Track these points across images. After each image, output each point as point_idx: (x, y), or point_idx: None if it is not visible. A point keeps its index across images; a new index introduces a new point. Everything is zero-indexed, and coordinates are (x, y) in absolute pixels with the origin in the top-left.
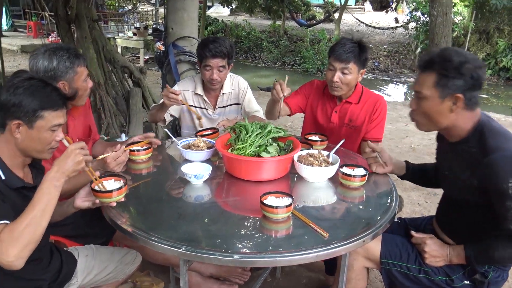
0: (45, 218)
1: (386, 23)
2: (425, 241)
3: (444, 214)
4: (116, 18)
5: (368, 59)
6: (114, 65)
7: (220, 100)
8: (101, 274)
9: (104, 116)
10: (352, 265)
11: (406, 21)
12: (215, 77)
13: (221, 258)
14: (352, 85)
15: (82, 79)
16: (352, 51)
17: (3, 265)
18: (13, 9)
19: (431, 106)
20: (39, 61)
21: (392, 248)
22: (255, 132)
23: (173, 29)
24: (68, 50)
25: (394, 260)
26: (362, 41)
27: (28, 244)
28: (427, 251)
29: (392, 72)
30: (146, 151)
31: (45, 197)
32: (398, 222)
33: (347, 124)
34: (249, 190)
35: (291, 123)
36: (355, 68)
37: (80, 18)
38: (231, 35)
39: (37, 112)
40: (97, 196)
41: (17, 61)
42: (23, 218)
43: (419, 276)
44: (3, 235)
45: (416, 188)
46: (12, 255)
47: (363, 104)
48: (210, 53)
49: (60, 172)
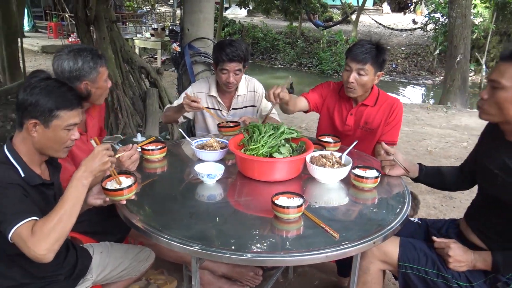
0: (74, 214)
1: (404, 24)
2: (450, 245)
3: (478, 213)
4: (135, 20)
5: (385, 61)
6: (132, 66)
7: (235, 102)
8: (115, 270)
9: (121, 116)
10: (368, 268)
11: (424, 23)
12: (231, 80)
13: (232, 257)
14: (368, 87)
15: (103, 79)
16: (369, 52)
17: (35, 258)
18: (34, 10)
19: (507, 97)
20: (64, 62)
21: (410, 252)
22: (268, 133)
23: (189, 30)
24: (91, 51)
25: (412, 263)
26: (380, 43)
27: (58, 238)
28: (452, 256)
29: (410, 74)
30: (160, 151)
31: (74, 194)
32: (418, 223)
33: (363, 127)
34: (261, 190)
35: (306, 125)
36: (372, 69)
37: (99, 19)
38: (247, 36)
39: (53, 112)
40: (107, 194)
41: (37, 61)
42: (54, 214)
43: (436, 281)
44: (35, 229)
45: (431, 191)
46: (43, 249)
47: (379, 107)
48: (227, 57)
49: (88, 172)
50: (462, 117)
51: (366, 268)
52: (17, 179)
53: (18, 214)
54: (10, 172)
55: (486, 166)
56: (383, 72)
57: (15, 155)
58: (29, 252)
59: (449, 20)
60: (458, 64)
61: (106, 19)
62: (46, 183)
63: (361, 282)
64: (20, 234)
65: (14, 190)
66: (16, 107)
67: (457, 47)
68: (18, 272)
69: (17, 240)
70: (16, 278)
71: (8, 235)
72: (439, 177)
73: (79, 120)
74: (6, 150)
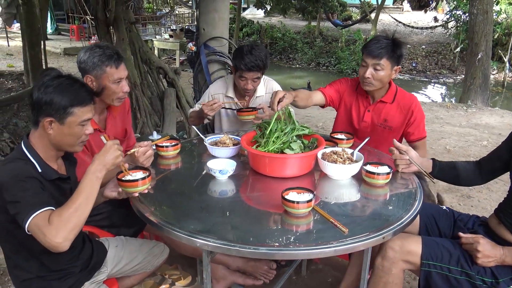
0: (89, 205)
1: (425, 22)
2: (479, 240)
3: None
4: (154, 21)
5: (402, 56)
6: (150, 66)
7: (253, 102)
8: (129, 264)
9: (140, 116)
10: (391, 269)
11: (445, 20)
12: (249, 87)
13: (241, 250)
14: (385, 82)
15: (111, 80)
16: (385, 47)
17: (51, 247)
18: (57, 13)
19: None
20: (81, 53)
21: (433, 249)
22: (280, 130)
23: (205, 29)
24: (105, 50)
25: (435, 261)
26: (396, 38)
27: (74, 227)
28: (481, 251)
29: (430, 72)
30: (174, 147)
31: (88, 187)
32: (446, 211)
33: (382, 124)
34: (272, 186)
35: (322, 124)
36: (388, 64)
37: (118, 21)
38: (266, 36)
39: (68, 109)
40: (122, 185)
41: (60, 63)
42: (70, 205)
43: (460, 279)
44: (52, 219)
45: (449, 190)
46: (60, 237)
47: (398, 104)
48: (245, 66)
49: (101, 166)
50: (482, 115)
51: (388, 269)
52: (35, 173)
53: (35, 205)
54: (27, 166)
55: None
56: (400, 67)
57: (32, 151)
58: (45, 241)
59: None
60: (479, 61)
61: (125, 20)
62: (63, 178)
63: (382, 283)
64: (37, 224)
65: (32, 183)
66: (31, 106)
67: (478, 44)
68: (35, 265)
69: (33, 230)
70: (33, 271)
71: (25, 225)
72: (454, 171)
73: (91, 115)
74: (24, 147)
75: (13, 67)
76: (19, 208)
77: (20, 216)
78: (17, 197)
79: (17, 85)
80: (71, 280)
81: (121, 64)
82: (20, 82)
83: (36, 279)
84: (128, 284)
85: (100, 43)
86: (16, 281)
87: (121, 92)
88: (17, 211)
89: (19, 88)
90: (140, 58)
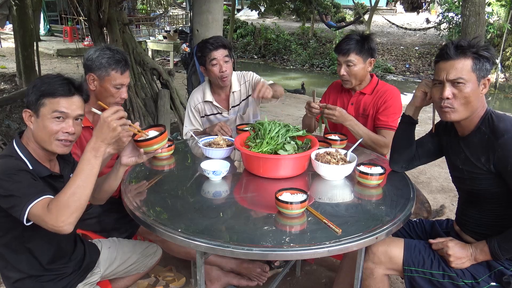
0: (89, 186)
1: (417, 24)
2: (447, 244)
3: (463, 213)
4: (148, 22)
5: (374, 49)
6: (144, 68)
7: (232, 99)
8: (123, 265)
9: (134, 117)
10: (372, 273)
11: (438, 22)
12: (224, 69)
13: (234, 251)
14: (360, 75)
15: (112, 83)
16: (352, 43)
17: (54, 230)
18: (50, 14)
19: (472, 90)
20: (91, 50)
21: (415, 255)
22: (274, 131)
23: (198, 31)
24: (115, 54)
25: (417, 267)
26: (364, 33)
27: (74, 211)
28: (451, 254)
29: (424, 74)
30: (168, 148)
31: (87, 167)
32: (416, 222)
33: (362, 114)
34: (266, 187)
35: None
36: (359, 58)
37: (111, 22)
38: (260, 38)
39: (39, 99)
40: (140, 145)
41: (53, 64)
42: (68, 188)
43: (443, 282)
44: (51, 206)
45: (442, 190)
46: (61, 221)
47: (376, 93)
48: (212, 46)
49: (99, 142)
50: None
51: (370, 272)
52: (26, 168)
53: (30, 195)
54: (18, 162)
55: (453, 163)
56: (375, 59)
57: (23, 150)
58: (48, 226)
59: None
60: None
61: (119, 21)
62: (55, 175)
63: (364, 285)
64: (36, 214)
65: (24, 176)
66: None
67: None
68: (25, 262)
69: (34, 219)
70: (24, 269)
71: (24, 216)
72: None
73: (67, 109)
74: (15, 145)
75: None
76: (13, 201)
77: (16, 209)
78: (10, 190)
79: (10, 86)
80: (64, 282)
81: (126, 71)
82: (13, 84)
83: (28, 280)
84: (122, 285)
85: (111, 45)
86: (8, 282)
87: (119, 97)
88: (12, 204)
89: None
90: (134, 60)
